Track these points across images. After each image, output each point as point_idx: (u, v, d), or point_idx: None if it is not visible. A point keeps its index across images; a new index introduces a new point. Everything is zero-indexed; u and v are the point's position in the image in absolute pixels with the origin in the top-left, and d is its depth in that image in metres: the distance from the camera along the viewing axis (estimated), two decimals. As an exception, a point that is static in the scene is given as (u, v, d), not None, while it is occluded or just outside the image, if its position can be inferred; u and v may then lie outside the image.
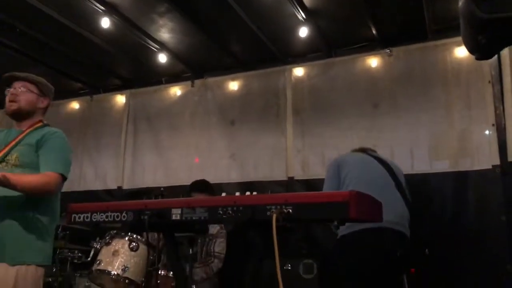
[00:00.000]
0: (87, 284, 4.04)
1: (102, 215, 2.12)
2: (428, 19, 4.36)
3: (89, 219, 2.16)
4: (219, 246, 4.08)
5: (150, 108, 5.87)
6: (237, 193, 1.90)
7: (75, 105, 6.29)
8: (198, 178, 5.26)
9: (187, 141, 5.58)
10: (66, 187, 5.74)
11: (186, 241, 3.47)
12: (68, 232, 4.18)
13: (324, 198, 1.68)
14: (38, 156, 2.55)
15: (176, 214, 1.93)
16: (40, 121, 2.71)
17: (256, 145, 5.20)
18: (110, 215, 2.10)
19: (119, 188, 5.72)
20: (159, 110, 5.81)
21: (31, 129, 2.65)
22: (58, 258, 4.08)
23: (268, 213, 1.71)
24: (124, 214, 2.06)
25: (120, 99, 6.04)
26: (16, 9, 4.21)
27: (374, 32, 4.64)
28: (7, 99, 2.63)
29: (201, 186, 4.23)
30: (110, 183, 5.83)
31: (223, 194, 1.99)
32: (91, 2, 4.05)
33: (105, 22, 4.25)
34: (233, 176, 5.26)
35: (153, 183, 5.55)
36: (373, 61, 4.83)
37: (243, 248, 3.48)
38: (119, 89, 6.04)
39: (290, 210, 1.68)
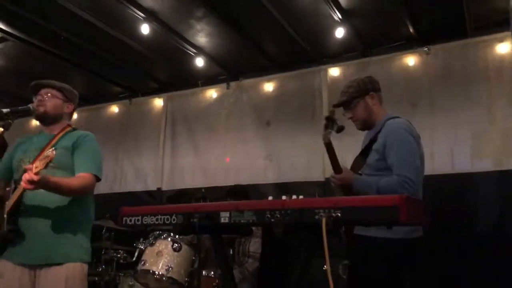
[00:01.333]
0: (130, 283, 4.18)
1: (152, 218, 2.20)
2: (468, 16, 4.28)
3: (140, 222, 2.24)
4: (254, 246, 4.13)
5: (187, 110, 5.98)
6: (284, 197, 1.93)
7: (114, 108, 6.48)
8: (235, 179, 5.37)
9: (224, 142, 5.67)
10: (108, 188, 6.02)
11: (225, 242, 3.54)
12: (113, 233, 4.32)
13: (374, 202, 1.69)
14: (73, 158, 2.65)
15: (225, 217, 1.98)
16: (69, 125, 2.82)
17: (292, 145, 5.22)
18: (160, 218, 2.17)
19: (159, 189, 5.85)
20: (196, 113, 5.91)
21: (62, 133, 2.75)
22: (104, 258, 4.22)
23: (317, 216, 1.74)
24: (174, 217, 2.13)
25: (158, 102, 6.19)
26: (61, 18, 4.38)
27: (411, 30, 4.59)
28: (35, 105, 2.73)
29: (240, 192, 4.25)
30: (150, 184, 5.98)
31: (270, 198, 2.02)
32: (132, 9, 4.17)
33: (145, 29, 4.36)
34: (269, 177, 5.30)
35: (192, 184, 5.66)
36: (411, 60, 4.77)
37: (285, 250, 3.54)
38: (157, 92, 6.18)
39: (339, 214, 1.70)
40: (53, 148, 2.32)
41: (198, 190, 4.63)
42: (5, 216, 2.49)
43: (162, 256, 3.63)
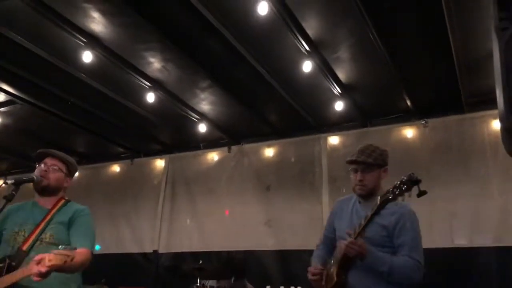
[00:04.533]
0: None
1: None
2: (464, 91, 4.41)
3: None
4: None
5: (188, 172, 6.04)
6: (281, 287, 1.93)
7: (116, 168, 6.54)
8: (234, 244, 5.32)
9: (223, 206, 5.68)
10: (103, 249, 5.93)
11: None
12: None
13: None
14: (69, 233, 2.65)
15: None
16: (62, 197, 2.83)
17: (292, 211, 5.23)
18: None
19: (155, 251, 5.79)
20: (197, 175, 5.96)
21: (57, 207, 2.75)
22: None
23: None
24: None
25: (160, 163, 6.26)
26: (69, 84, 4.52)
27: (409, 103, 4.72)
28: (36, 173, 2.71)
29: (237, 262, 4.15)
30: (146, 246, 5.92)
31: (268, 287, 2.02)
32: (139, 79, 4.32)
33: (150, 97, 4.50)
34: (269, 243, 5.27)
35: (189, 248, 5.62)
36: (409, 132, 4.89)
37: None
38: (159, 153, 6.27)
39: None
40: (75, 247, 2.31)
41: (195, 260, 4.61)
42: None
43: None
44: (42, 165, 2.76)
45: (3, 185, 2.67)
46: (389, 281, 2.30)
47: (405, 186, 2.21)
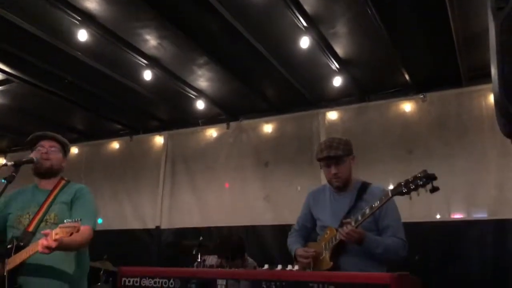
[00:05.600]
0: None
1: (150, 281, 2.25)
2: (462, 65, 4.40)
3: (138, 284, 2.28)
4: None
5: (187, 149, 6.06)
6: (279, 266, 1.98)
7: (115, 145, 6.56)
8: (233, 219, 5.39)
9: (222, 182, 5.73)
10: (105, 226, 6.01)
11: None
12: (111, 278, 4.32)
13: (366, 279, 1.75)
14: (71, 212, 2.69)
15: (221, 285, 2.03)
16: (62, 178, 2.87)
17: (290, 187, 5.28)
18: (158, 281, 2.22)
19: (157, 227, 5.88)
20: (196, 151, 5.99)
21: (58, 188, 2.80)
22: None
23: (311, 290, 1.79)
24: (171, 281, 2.18)
25: (159, 140, 6.27)
26: (66, 63, 4.49)
27: (407, 77, 4.70)
28: (37, 156, 2.72)
29: (234, 244, 4.17)
30: (148, 222, 6.00)
31: (265, 267, 2.06)
32: (135, 57, 4.29)
33: (147, 75, 4.47)
34: (268, 218, 5.34)
35: (190, 223, 5.70)
36: (407, 106, 4.89)
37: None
38: (158, 130, 6.27)
39: (333, 289, 1.76)
40: (79, 219, 2.35)
41: (196, 236, 4.68)
42: (5, 274, 2.53)
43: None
44: (40, 148, 2.78)
45: (3, 166, 2.69)
46: (381, 260, 2.48)
47: (421, 182, 2.27)
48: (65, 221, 2.42)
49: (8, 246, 2.61)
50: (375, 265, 2.46)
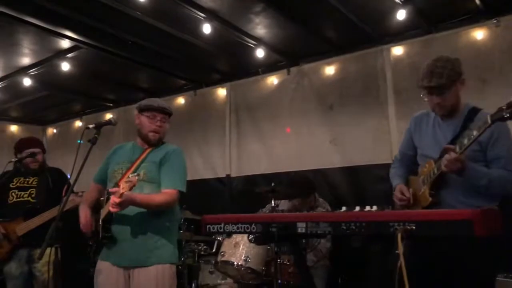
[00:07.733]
0: (211, 270, 4.47)
1: (233, 226, 2.38)
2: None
3: (222, 229, 2.43)
4: None
5: (250, 98, 6.12)
6: (357, 208, 2.02)
7: (180, 100, 6.75)
8: (301, 165, 5.47)
9: (287, 128, 5.77)
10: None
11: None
12: (192, 226, 4.60)
13: (448, 216, 1.75)
14: (160, 172, 2.84)
15: (301, 227, 2.11)
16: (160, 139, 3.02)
17: (357, 129, 5.22)
18: (241, 226, 2.35)
19: (228, 176, 6.11)
20: (259, 100, 6.04)
21: (152, 147, 2.96)
22: (186, 250, 4.53)
23: (392, 229, 1.82)
24: (253, 226, 2.30)
25: (222, 92, 6.38)
26: (127, 25, 4.62)
27: (477, 1, 4.35)
28: (150, 125, 2.91)
29: (307, 185, 4.23)
30: (219, 171, 6.24)
31: (343, 209, 2.11)
32: (193, 11, 4.31)
33: (206, 28, 4.50)
34: (335, 161, 5.35)
35: (258, 170, 5.87)
36: (479, 34, 4.56)
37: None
38: (220, 82, 6.36)
39: (414, 227, 1.77)
40: (137, 173, 2.52)
41: (266, 182, 4.80)
42: (100, 223, 2.79)
43: (240, 247, 3.87)
44: (152, 119, 2.93)
45: (86, 129, 2.89)
46: (486, 194, 2.25)
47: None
48: (129, 175, 2.60)
49: (101, 198, 2.88)
50: (482, 200, 2.24)
